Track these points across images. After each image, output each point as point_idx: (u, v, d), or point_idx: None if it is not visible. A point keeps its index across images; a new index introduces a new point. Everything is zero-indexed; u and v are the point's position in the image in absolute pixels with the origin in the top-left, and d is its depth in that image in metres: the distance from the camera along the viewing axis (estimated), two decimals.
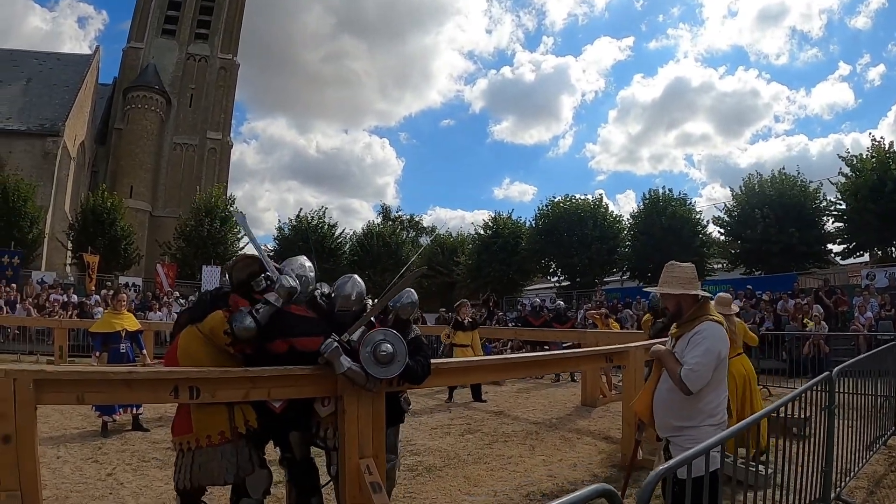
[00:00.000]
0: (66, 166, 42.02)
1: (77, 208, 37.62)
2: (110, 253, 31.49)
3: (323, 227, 38.45)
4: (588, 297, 28.56)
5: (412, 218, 66.23)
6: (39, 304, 22.48)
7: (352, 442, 4.45)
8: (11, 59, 45.41)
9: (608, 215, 33.54)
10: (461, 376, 6.63)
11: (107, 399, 3.87)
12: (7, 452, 3.44)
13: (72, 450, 7.41)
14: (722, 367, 3.81)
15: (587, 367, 9.83)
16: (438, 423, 9.62)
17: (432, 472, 6.82)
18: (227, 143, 52.17)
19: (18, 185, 31.74)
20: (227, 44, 51.45)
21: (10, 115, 41.29)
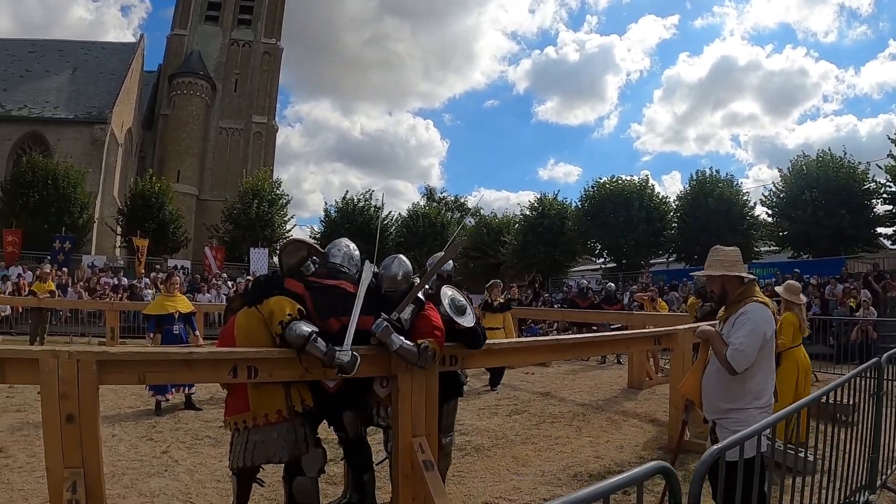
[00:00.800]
0: (113, 152, 42.75)
1: (126, 193, 38.30)
2: (159, 236, 32.04)
3: (369, 209, 38.62)
4: (634, 279, 28.32)
5: (457, 199, 66.30)
6: (90, 288, 23.02)
7: (405, 420, 4.49)
8: (58, 49, 46.23)
9: (654, 197, 33.16)
10: (512, 357, 6.64)
11: (167, 378, 3.96)
12: (71, 431, 3.53)
13: (126, 428, 7.59)
14: (768, 348, 3.84)
15: (636, 348, 9.78)
16: (486, 403, 9.68)
17: (480, 451, 6.89)
18: (273, 127, 52.49)
19: (68, 171, 32.43)
20: (271, 29, 51.70)
21: (57, 103, 42.05)
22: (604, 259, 35.37)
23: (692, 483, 2.28)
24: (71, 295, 21.22)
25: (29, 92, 42.23)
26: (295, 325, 3.99)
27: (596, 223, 32.39)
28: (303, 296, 4.44)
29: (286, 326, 4.00)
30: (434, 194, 66.10)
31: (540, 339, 8.71)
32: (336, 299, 4.48)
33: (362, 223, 37.04)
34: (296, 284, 4.48)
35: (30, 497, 5.03)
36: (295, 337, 3.96)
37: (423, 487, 4.41)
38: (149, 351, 3.86)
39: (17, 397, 8.88)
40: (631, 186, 33.13)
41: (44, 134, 41.05)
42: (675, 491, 2.15)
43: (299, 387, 4.37)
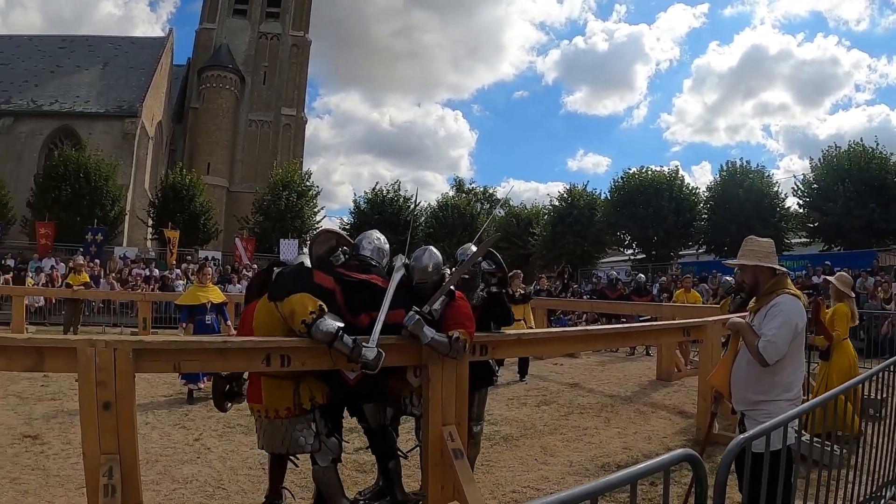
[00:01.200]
0: (144, 146, 43.18)
1: (156, 186, 38.72)
2: (190, 228, 32.34)
3: (398, 200, 38.67)
4: (663, 270, 28.15)
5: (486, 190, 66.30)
6: (122, 279, 23.32)
7: (435, 409, 4.54)
8: (88, 44, 46.78)
9: (684, 187, 32.92)
10: (542, 347, 6.66)
11: (202, 367, 4.03)
12: (108, 418, 3.61)
13: (160, 416, 7.73)
14: (798, 340, 3.79)
15: (665, 340, 9.74)
16: (515, 394, 9.72)
17: (509, 441, 6.94)
18: (302, 119, 52.71)
19: (99, 165, 32.82)
20: (299, 21, 51.82)
21: (88, 98, 42.53)
22: (633, 250, 35.17)
23: (718, 472, 2.29)
24: (103, 286, 21.48)
25: (60, 87, 42.77)
26: (321, 323, 4.00)
27: (625, 214, 32.24)
28: (333, 290, 4.46)
29: (311, 325, 4.02)
30: (463, 185, 66.09)
31: (569, 330, 8.74)
32: (366, 294, 4.51)
33: (391, 214, 37.21)
34: (325, 278, 4.50)
35: (65, 482, 5.14)
36: (322, 334, 3.98)
37: (452, 475, 4.46)
38: (184, 340, 3.94)
39: (52, 386, 9.05)
40: (660, 177, 32.93)
41: (75, 128, 41.54)
42: (702, 479, 2.16)
43: (310, 384, 4.42)
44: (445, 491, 4.54)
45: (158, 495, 4.91)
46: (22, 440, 6.39)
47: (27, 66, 43.59)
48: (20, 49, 45.04)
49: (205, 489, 5.13)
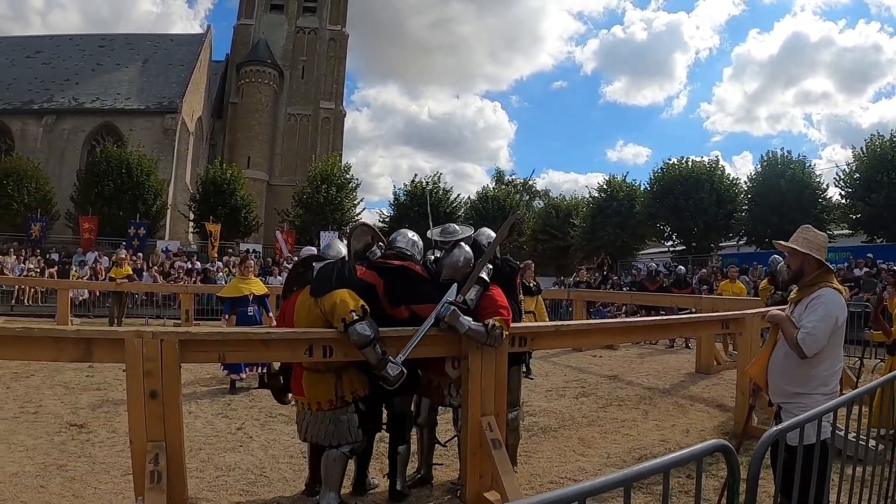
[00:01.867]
0: (185, 141, 43.79)
1: (197, 180, 39.23)
2: (231, 221, 32.74)
3: (438, 191, 38.89)
4: (703, 262, 27.90)
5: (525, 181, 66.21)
6: (165, 272, 23.76)
7: (474, 399, 4.60)
8: (127, 42, 47.55)
9: (724, 178, 32.55)
10: (581, 338, 6.67)
11: (246, 357, 4.14)
12: (154, 406, 3.73)
13: (203, 406, 7.88)
14: (838, 334, 3.75)
15: (704, 332, 9.68)
16: (553, 385, 9.72)
17: (547, 432, 6.96)
18: (340, 112, 52.92)
19: (141, 160, 33.48)
20: (336, 15, 52.04)
21: (129, 95, 43.24)
22: (673, 242, 34.87)
23: (751, 463, 2.30)
24: (146, 279, 21.89)
25: (100, 85, 43.54)
26: (359, 325, 4.06)
27: (664, 205, 31.95)
28: (375, 284, 4.54)
29: (349, 325, 4.08)
30: (503, 177, 66.07)
31: (609, 322, 8.73)
32: (407, 282, 4.58)
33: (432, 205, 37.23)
34: (368, 273, 4.59)
35: (111, 470, 5.27)
36: (357, 336, 4.05)
37: (490, 465, 4.51)
38: (228, 331, 4.04)
39: (98, 376, 9.26)
40: (700, 168, 32.62)
41: (116, 125, 42.31)
42: (735, 470, 2.17)
43: (351, 376, 4.49)
44: (484, 480, 4.60)
45: (202, 482, 5.02)
46: (69, 429, 6.55)
47: (68, 65, 44.55)
48: (61, 49, 46.04)
49: (247, 476, 5.23)
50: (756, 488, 2.27)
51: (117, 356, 3.77)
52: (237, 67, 49.39)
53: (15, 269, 22.93)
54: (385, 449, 5.18)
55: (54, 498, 4.71)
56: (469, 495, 4.59)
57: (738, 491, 2.20)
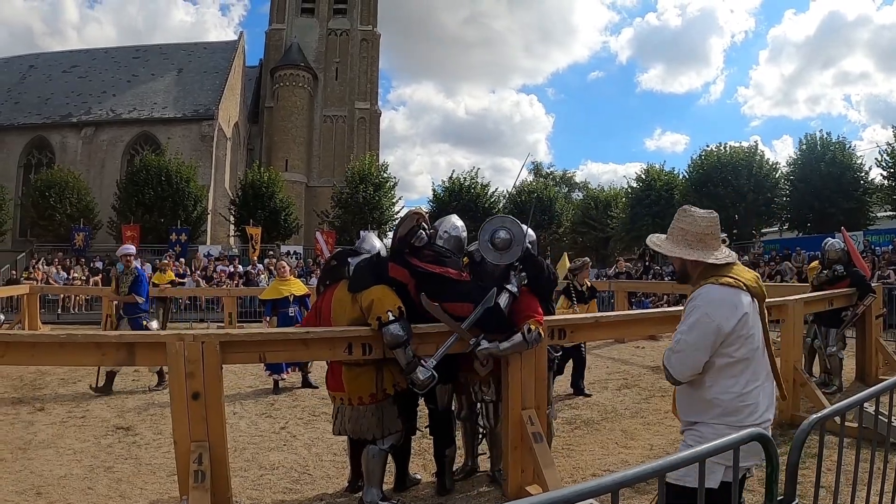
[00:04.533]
0: (222, 146, 44.30)
1: (236, 184, 39.72)
2: (271, 224, 33.08)
3: (476, 186, 38.88)
4: (745, 249, 27.50)
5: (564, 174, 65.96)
6: (207, 276, 24.06)
7: (515, 393, 4.62)
8: (161, 53, 48.39)
9: (764, 163, 32.06)
10: (621, 329, 6.65)
11: (286, 357, 4.21)
12: (197, 407, 3.81)
13: (246, 406, 7.98)
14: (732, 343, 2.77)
15: None
16: (596, 378, 9.68)
17: (590, 425, 6.94)
18: (376, 112, 53.12)
19: (180, 167, 33.96)
20: (366, 16, 52.25)
21: (165, 104, 43.95)
22: None
23: (790, 451, 2.27)
24: (189, 283, 22.18)
25: (137, 95, 44.30)
26: (394, 326, 4.11)
27: (703, 193, 31.52)
28: (407, 283, 4.57)
29: (383, 325, 4.12)
30: (541, 170, 65.91)
31: (648, 312, 8.63)
32: (439, 285, 4.59)
33: (469, 200, 37.41)
34: (400, 271, 4.60)
35: (156, 470, 5.37)
36: (391, 336, 4.10)
37: (532, 459, 4.52)
38: (268, 331, 4.11)
39: (143, 380, 9.43)
40: (739, 153, 32.15)
41: (154, 133, 42.98)
42: (773, 459, 2.15)
43: (392, 369, 4.50)
44: (525, 474, 4.62)
45: (246, 481, 5.09)
46: (115, 431, 6.69)
47: (104, 77, 45.42)
48: (96, 62, 47.03)
49: (290, 475, 5.29)
50: (795, 478, 2.25)
51: (160, 359, 3.85)
52: (271, 72, 49.87)
53: (58, 279, 23.45)
54: (425, 445, 5.20)
55: (101, 499, 4.81)
56: (511, 489, 4.61)
57: (776, 480, 2.17)
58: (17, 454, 5.88)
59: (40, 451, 5.98)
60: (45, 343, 4.04)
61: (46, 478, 5.23)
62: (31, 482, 5.12)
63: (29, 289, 16.47)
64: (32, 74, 46.33)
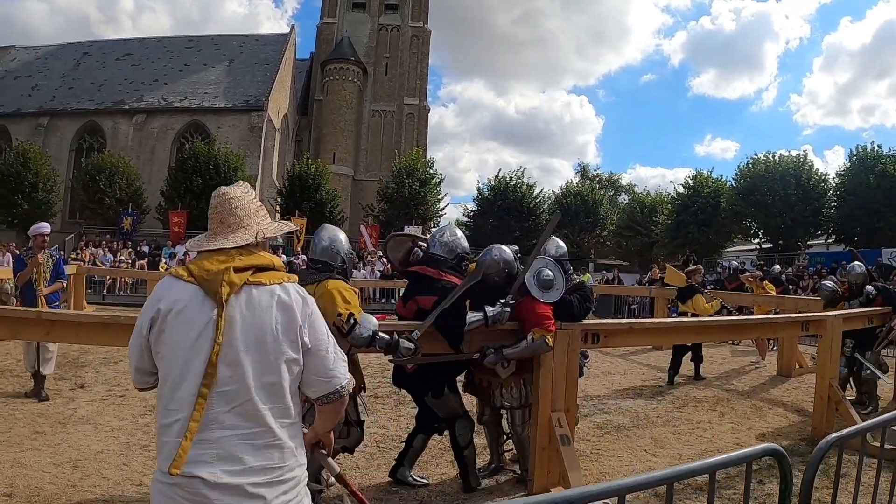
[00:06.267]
0: (271, 137, 44.94)
1: (284, 175, 40.24)
2: (316, 216, 33.26)
3: (521, 186, 38.95)
4: (790, 261, 27.12)
5: (610, 176, 65.59)
6: None
7: (545, 395, 4.71)
8: (213, 43, 49.54)
9: (813, 173, 31.53)
10: (655, 337, 6.67)
11: None
12: None
13: None
14: (153, 342, 2.15)
15: (782, 334, 9.48)
16: (631, 384, 9.70)
17: (621, 431, 6.96)
18: (424, 108, 53.53)
19: (228, 157, 34.85)
20: (418, 12, 52.58)
21: (216, 94, 45.00)
22: (759, 239, 33.97)
23: (806, 469, 2.30)
24: None
25: (188, 84, 45.43)
26: (358, 328, 4.00)
27: (750, 201, 31.15)
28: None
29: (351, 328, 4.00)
30: (588, 171, 65.65)
31: (682, 320, 8.64)
32: (416, 282, 4.77)
33: (514, 200, 37.43)
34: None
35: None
36: (359, 339, 4.02)
37: (558, 461, 4.59)
38: None
39: None
40: (788, 162, 31.65)
41: (204, 123, 44.11)
42: (787, 475, 2.17)
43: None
44: (551, 476, 4.69)
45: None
46: (153, 411, 6.89)
47: (156, 66, 46.72)
48: (149, 51, 48.34)
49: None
50: (810, 495, 2.27)
51: None
52: (322, 65, 50.43)
53: (104, 261, 24.02)
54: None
55: (136, 475, 5.00)
56: (536, 489, 4.68)
57: (789, 495, 2.19)
58: (56, 428, 6.11)
59: (79, 427, 6.21)
60: (90, 323, 4.18)
61: (84, 452, 5.44)
62: (69, 455, 5.33)
63: (76, 269, 16.83)
64: (86, 61, 47.64)
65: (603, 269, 34.64)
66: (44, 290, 7.79)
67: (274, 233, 2.47)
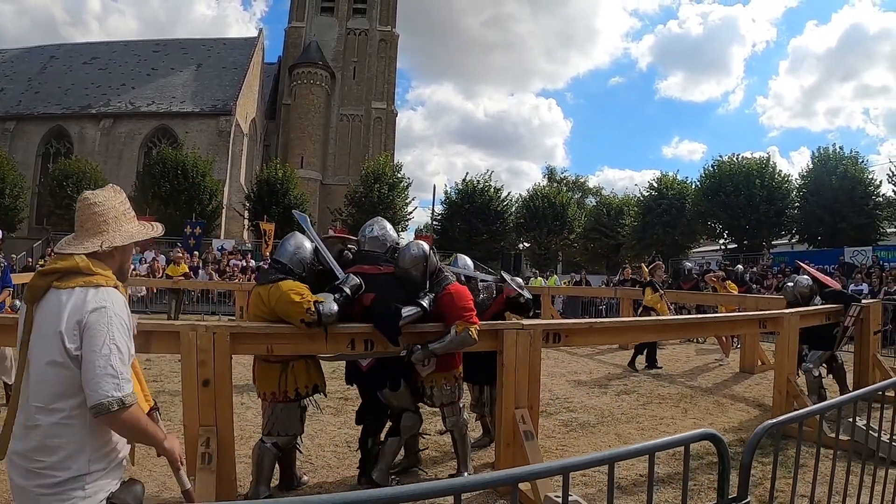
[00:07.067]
0: (239, 142, 44.84)
1: (252, 180, 40.18)
2: (284, 220, 33.20)
3: (489, 189, 39.13)
4: (755, 260, 27.54)
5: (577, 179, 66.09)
6: (220, 269, 24.32)
7: (508, 392, 4.83)
8: (181, 47, 49.35)
9: (776, 175, 32.06)
10: (615, 336, 6.81)
11: (292, 350, 4.40)
12: (206, 394, 4.06)
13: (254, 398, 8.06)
14: None
15: (741, 331, 9.72)
16: (597, 382, 9.86)
17: (585, 427, 7.09)
18: (392, 112, 53.66)
19: (196, 161, 34.60)
20: (385, 17, 52.74)
21: (184, 98, 44.74)
22: (724, 240, 34.46)
23: (744, 452, 2.43)
24: (202, 276, 22.38)
25: (156, 89, 45.08)
26: (323, 307, 4.23)
27: (715, 202, 31.60)
28: None
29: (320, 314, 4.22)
30: (555, 174, 66.10)
31: (641, 319, 8.82)
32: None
33: (482, 204, 37.63)
34: None
35: None
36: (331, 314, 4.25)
37: (522, 457, 4.70)
38: (276, 325, 4.32)
39: (154, 369, 9.66)
40: (752, 164, 32.19)
41: (172, 127, 43.79)
42: (724, 458, 2.28)
43: (295, 373, 4.63)
44: None
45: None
46: None
47: (124, 70, 46.33)
48: (116, 54, 47.93)
49: None
50: (748, 478, 2.38)
51: (173, 347, 4.10)
52: (289, 69, 50.44)
53: None
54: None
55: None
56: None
57: (727, 477, 2.30)
58: None
59: None
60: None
61: None
62: None
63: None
64: (53, 65, 47.11)
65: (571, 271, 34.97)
66: None
67: (125, 240, 2.62)
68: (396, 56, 54.05)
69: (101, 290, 2.33)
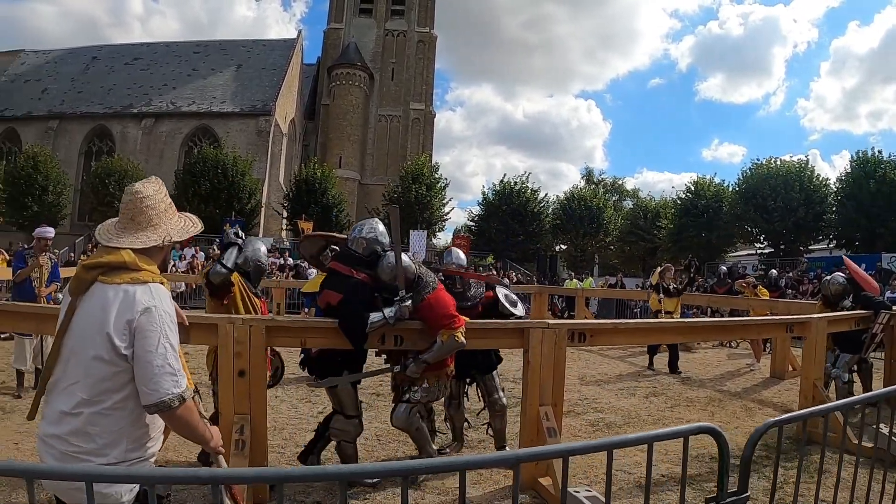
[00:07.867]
0: (278, 142, 45.39)
1: (291, 179, 40.61)
2: (323, 219, 33.62)
3: (526, 191, 39.11)
4: (791, 265, 27.23)
5: (615, 181, 65.65)
6: None
7: (533, 390, 4.97)
8: (221, 49, 50.12)
9: (814, 178, 31.66)
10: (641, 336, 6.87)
11: (325, 343, 4.58)
12: (242, 384, 4.28)
13: (288, 391, 8.42)
14: None
15: (768, 335, 9.71)
16: (626, 384, 9.89)
17: (611, 428, 7.17)
18: (430, 113, 54.01)
19: (236, 161, 35.05)
20: (424, 18, 53.04)
21: (224, 99, 45.50)
22: (761, 244, 34.08)
23: (745, 447, 2.50)
24: None
25: (197, 89, 45.93)
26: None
27: (752, 206, 31.28)
28: None
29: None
30: (592, 176, 65.74)
31: (666, 321, 8.86)
32: (330, 278, 4.95)
33: (518, 205, 37.63)
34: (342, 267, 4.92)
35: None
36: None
37: None
38: (309, 319, 4.52)
39: (192, 362, 9.89)
40: (790, 167, 31.84)
41: (212, 127, 44.54)
42: (724, 452, 2.36)
43: None
44: (539, 467, 4.94)
45: (282, 457, 5.51)
46: None
47: (165, 71, 47.27)
48: (158, 56, 48.88)
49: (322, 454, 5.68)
50: (748, 473, 2.46)
51: (211, 339, 4.31)
52: (328, 70, 50.92)
53: None
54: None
55: None
56: (525, 480, 4.92)
57: (726, 471, 2.38)
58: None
59: None
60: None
61: None
62: None
63: None
64: (96, 65, 48.11)
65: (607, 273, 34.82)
66: (43, 290, 8.16)
67: (181, 236, 2.70)
68: (434, 57, 54.38)
69: (149, 287, 2.37)
